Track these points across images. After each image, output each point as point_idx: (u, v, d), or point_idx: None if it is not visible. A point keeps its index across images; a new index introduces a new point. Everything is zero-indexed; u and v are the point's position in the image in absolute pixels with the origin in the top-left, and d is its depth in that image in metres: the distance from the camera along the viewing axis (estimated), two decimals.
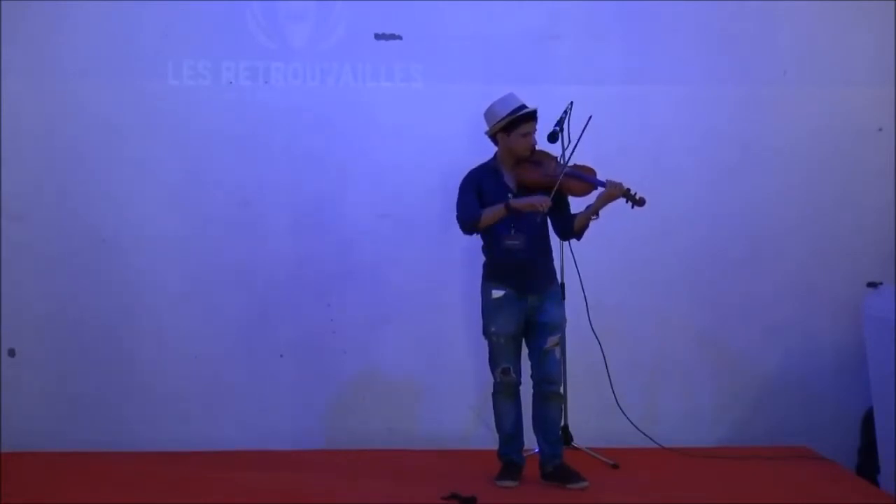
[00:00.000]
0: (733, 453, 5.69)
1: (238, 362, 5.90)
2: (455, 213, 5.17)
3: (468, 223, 5.11)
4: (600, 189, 5.07)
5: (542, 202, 4.96)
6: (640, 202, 5.02)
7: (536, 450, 5.25)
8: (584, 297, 5.49)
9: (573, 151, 5.10)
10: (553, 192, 5.03)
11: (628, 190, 5.01)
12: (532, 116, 5.10)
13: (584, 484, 5.10)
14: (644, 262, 5.97)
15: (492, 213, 5.06)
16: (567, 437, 5.56)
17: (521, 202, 5.01)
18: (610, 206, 5.05)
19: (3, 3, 5.80)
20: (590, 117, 5.02)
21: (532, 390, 5.21)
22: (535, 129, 5.13)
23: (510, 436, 5.23)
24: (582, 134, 5.05)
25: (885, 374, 5.33)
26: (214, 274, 5.90)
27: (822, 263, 6.02)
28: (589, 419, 5.69)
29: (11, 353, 5.85)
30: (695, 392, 6.00)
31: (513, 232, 5.05)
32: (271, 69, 5.94)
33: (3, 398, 5.79)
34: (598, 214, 5.09)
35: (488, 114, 5.16)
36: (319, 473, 5.37)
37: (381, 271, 5.94)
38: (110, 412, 5.84)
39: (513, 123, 5.08)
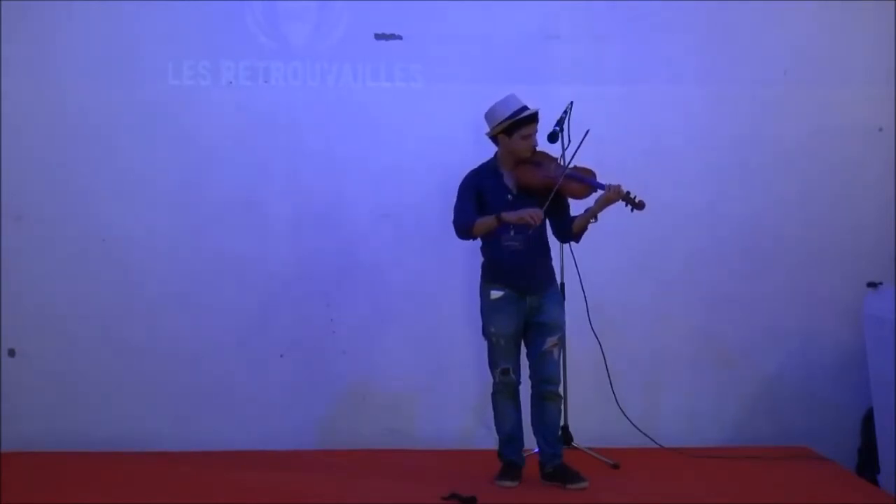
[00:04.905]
0: (733, 453, 5.70)
1: (238, 362, 5.90)
2: (452, 216, 5.17)
3: (462, 230, 5.11)
4: (600, 191, 5.06)
5: (533, 216, 4.94)
6: (640, 206, 5.01)
7: (536, 450, 5.25)
8: (584, 297, 5.49)
9: (573, 158, 5.09)
10: (552, 195, 5.03)
11: (628, 193, 5.00)
12: (533, 118, 5.09)
13: (584, 484, 5.10)
14: (644, 262, 5.98)
15: (483, 224, 5.07)
16: (567, 437, 5.56)
17: (512, 215, 4.99)
18: (610, 207, 5.05)
19: (3, 3, 5.80)
20: (587, 132, 5.02)
21: (531, 390, 5.21)
22: (537, 131, 5.12)
23: (510, 436, 5.23)
24: (579, 147, 5.05)
25: (885, 374, 5.33)
26: (214, 274, 5.90)
27: (822, 263, 6.02)
28: (589, 419, 5.69)
29: (11, 353, 5.85)
30: (695, 392, 5.99)
31: (512, 233, 5.04)
32: (271, 69, 5.94)
33: (3, 398, 5.79)
34: (596, 217, 5.08)
35: (489, 115, 5.16)
36: (319, 473, 5.37)
37: (381, 271, 5.94)
38: (110, 412, 5.84)
39: (514, 125, 5.08)
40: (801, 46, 6.03)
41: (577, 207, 5.20)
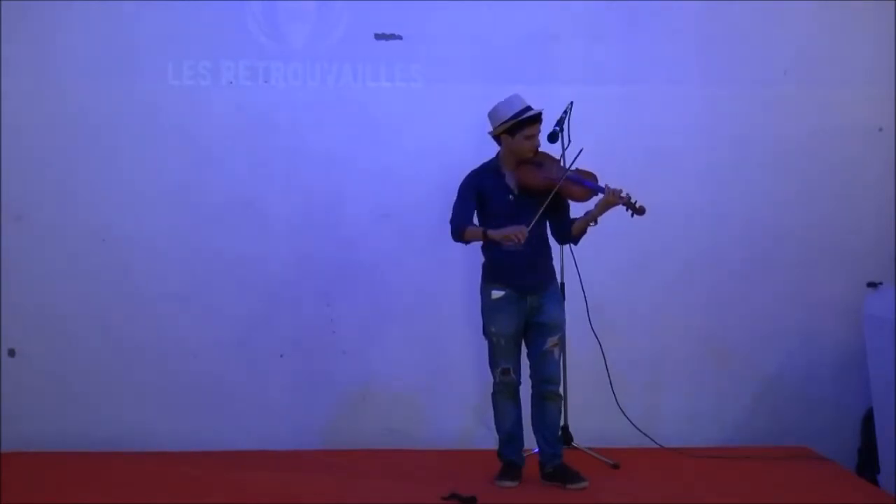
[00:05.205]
0: (733, 453, 5.70)
1: (238, 362, 5.90)
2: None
3: (455, 233, 5.11)
4: (601, 195, 5.05)
5: (517, 234, 4.92)
6: (641, 211, 5.01)
7: (536, 450, 5.25)
8: (584, 297, 5.48)
9: (573, 162, 5.09)
10: (550, 196, 5.03)
11: (629, 198, 5.00)
12: (537, 119, 5.09)
13: (584, 484, 5.10)
14: (644, 262, 5.98)
15: (473, 234, 5.07)
16: (567, 437, 5.56)
17: (497, 233, 4.98)
18: (608, 211, 5.05)
19: (3, 3, 5.80)
20: (580, 150, 5.02)
21: (531, 390, 5.21)
22: (540, 131, 5.12)
23: (510, 436, 5.23)
24: (574, 161, 5.05)
25: (885, 374, 5.33)
26: (214, 274, 5.90)
27: (822, 263, 6.02)
28: (589, 419, 5.68)
29: (11, 353, 5.85)
30: (695, 392, 6.00)
31: None
32: (271, 69, 5.94)
33: (3, 398, 5.79)
34: (596, 221, 5.07)
35: (492, 114, 5.15)
36: (319, 473, 5.37)
37: (381, 271, 5.94)
38: (110, 412, 5.84)
39: (517, 125, 5.07)
40: (801, 46, 6.03)
41: (577, 209, 5.20)
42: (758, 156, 6.03)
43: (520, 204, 5.09)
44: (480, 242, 5.19)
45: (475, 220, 5.16)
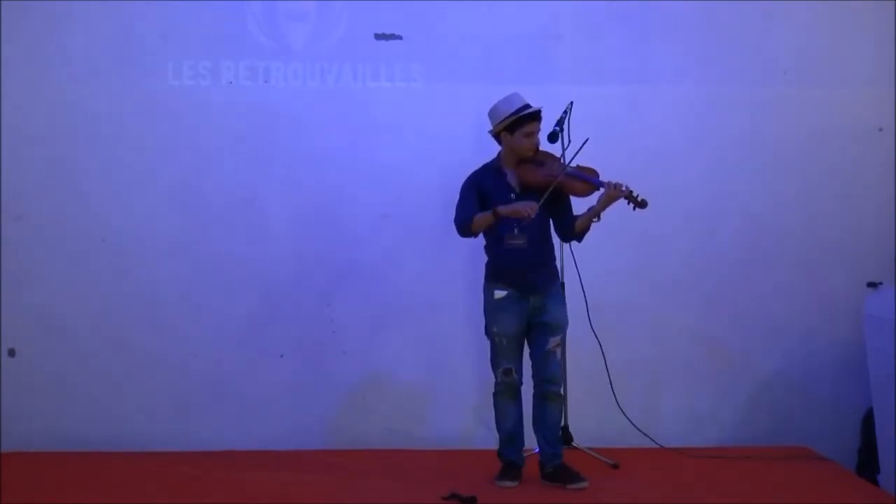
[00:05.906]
0: (733, 453, 5.70)
1: (238, 362, 5.90)
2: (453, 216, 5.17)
3: (462, 227, 5.11)
4: (602, 190, 5.06)
5: (527, 208, 4.93)
6: (643, 204, 5.01)
7: (536, 450, 5.25)
8: (584, 297, 5.48)
9: (574, 157, 5.09)
10: (549, 192, 5.02)
11: (630, 192, 5.01)
12: (536, 116, 5.09)
13: (584, 484, 5.10)
14: (644, 262, 5.98)
15: (482, 219, 5.06)
16: (567, 437, 5.56)
17: (507, 209, 4.99)
18: (610, 206, 5.05)
19: (3, 3, 5.80)
20: (586, 140, 5.02)
21: (532, 390, 5.21)
22: (539, 129, 5.12)
23: (511, 436, 5.23)
24: (577, 152, 5.05)
25: (885, 374, 5.33)
26: (214, 274, 5.90)
27: (822, 263, 6.03)
28: (589, 419, 5.69)
29: (11, 353, 5.85)
30: (695, 392, 6.00)
31: (516, 231, 5.04)
32: (271, 69, 5.94)
33: (3, 398, 5.79)
34: (599, 217, 5.08)
35: (492, 112, 5.16)
36: (319, 473, 5.37)
37: (382, 271, 5.94)
38: (110, 412, 5.84)
39: (516, 123, 5.08)
40: (801, 46, 6.04)
41: (580, 207, 5.20)
42: (758, 156, 6.03)
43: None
44: (484, 242, 5.20)
45: None
